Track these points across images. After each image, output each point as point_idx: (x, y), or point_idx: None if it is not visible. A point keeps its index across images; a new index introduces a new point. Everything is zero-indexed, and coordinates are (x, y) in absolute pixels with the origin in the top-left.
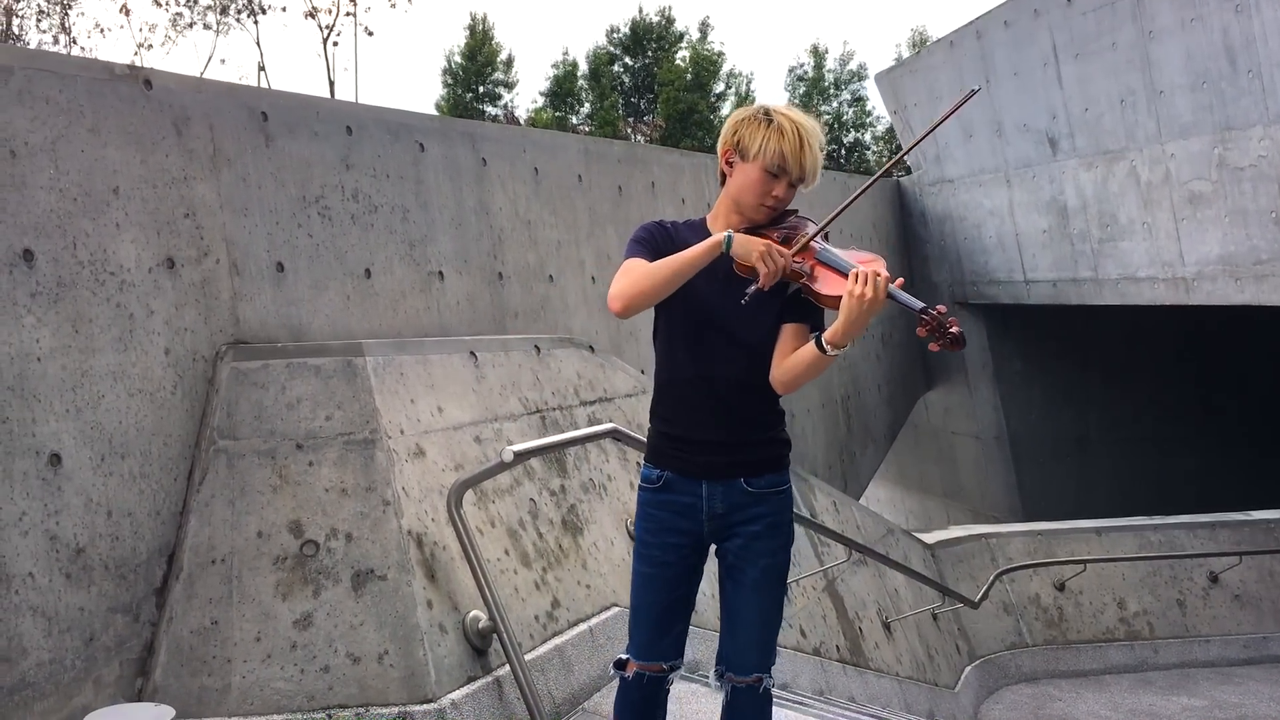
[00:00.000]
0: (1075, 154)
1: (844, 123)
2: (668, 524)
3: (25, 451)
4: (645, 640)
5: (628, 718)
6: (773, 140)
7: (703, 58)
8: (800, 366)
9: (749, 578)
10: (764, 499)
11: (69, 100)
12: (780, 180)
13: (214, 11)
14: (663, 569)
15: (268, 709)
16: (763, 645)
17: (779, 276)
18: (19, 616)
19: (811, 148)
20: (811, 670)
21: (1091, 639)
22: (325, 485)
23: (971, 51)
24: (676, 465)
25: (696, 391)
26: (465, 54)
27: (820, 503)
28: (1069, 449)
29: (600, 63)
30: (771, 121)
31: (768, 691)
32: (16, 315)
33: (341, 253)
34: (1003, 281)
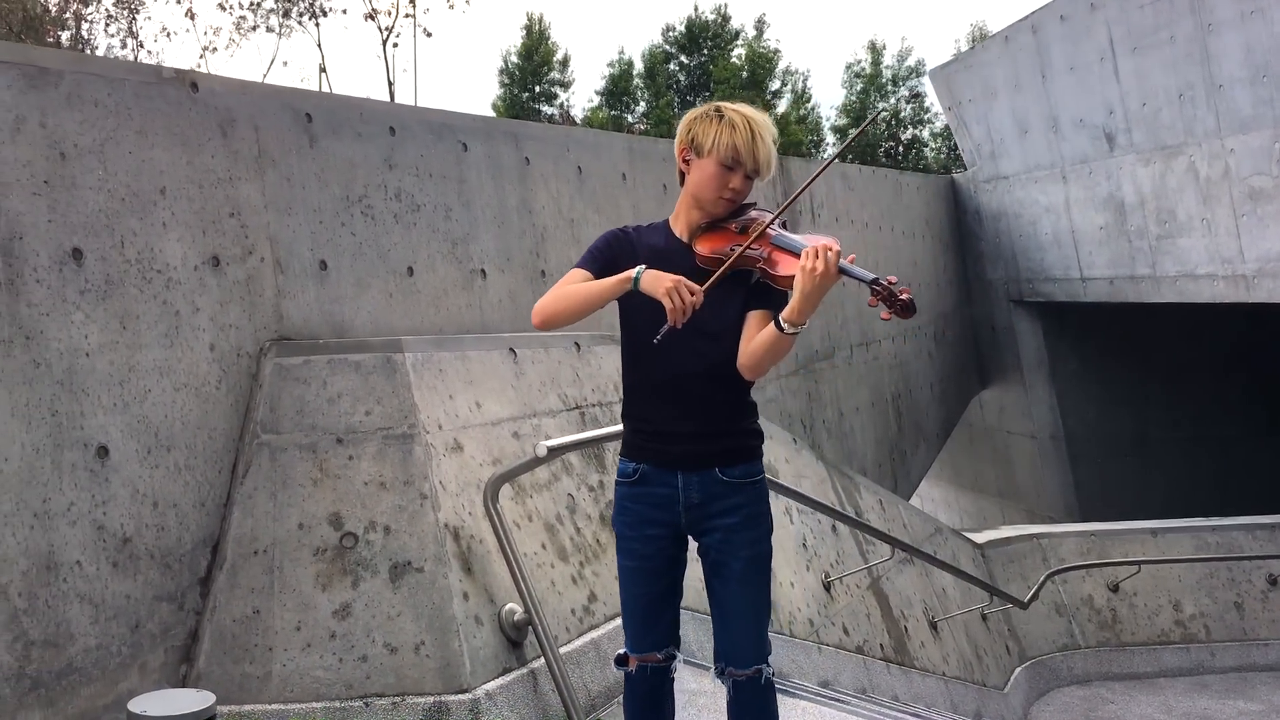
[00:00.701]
0: (1133, 149)
1: (901, 119)
2: (646, 516)
3: (74, 444)
4: (637, 632)
5: (637, 711)
6: (725, 134)
7: (758, 55)
8: (762, 349)
9: (734, 571)
10: (739, 489)
11: (117, 103)
12: (735, 173)
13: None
14: (644, 561)
15: (307, 696)
16: (756, 637)
17: (688, 314)
18: (67, 604)
19: (764, 140)
20: (854, 668)
21: (1146, 641)
22: (364, 479)
23: (1027, 46)
24: (652, 458)
25: (666, 391)
26: (521, 54)
27: (866, 501)
28: (1127, 449)
29: (656, 61)
30: (723, 117)
31: (769, 681)
32: (66, 312)
33: (384, 251)
34: (1059, 279)
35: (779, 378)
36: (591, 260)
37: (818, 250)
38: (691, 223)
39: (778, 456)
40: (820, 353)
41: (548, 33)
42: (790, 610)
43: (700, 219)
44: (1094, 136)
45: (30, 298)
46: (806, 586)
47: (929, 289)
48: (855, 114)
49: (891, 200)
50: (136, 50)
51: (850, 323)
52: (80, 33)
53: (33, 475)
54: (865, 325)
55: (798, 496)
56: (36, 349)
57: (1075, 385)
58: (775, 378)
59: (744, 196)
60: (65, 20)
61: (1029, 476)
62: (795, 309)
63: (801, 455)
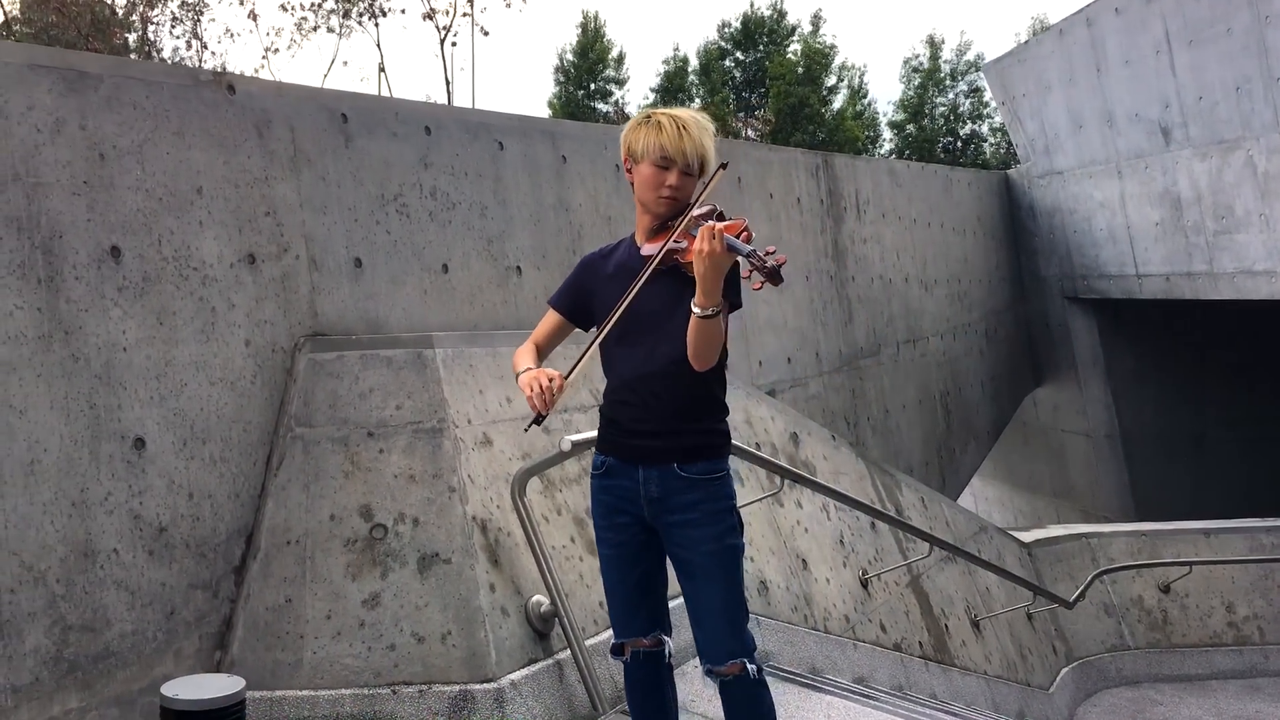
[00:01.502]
0: (1189, 144)
1: (960, 115)
2: (613, 507)
3: (111, 436)
4: (619, 618)
5: (637, 697)
6: (651, 136)
7: (814, 51)
8: (692, 338)
9: (697, 567)
10: (697, 485)
11: (155, 105)
12: (670, 171)
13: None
14: (618, 549)
15: (337, 683)
16: (730, 631)
17: (551, 398)
18: (103, 590)
19: (690, 135)
20: (890, 665)
21: (1197, 643)
22: (394, 471)
23: (1081, 40)
24: (616, 452)
25: (629, 388)
26: (577, 51)
27: (907, 499)
28: (1185, 448)
29: (711, 58)
30: (649, 119)
31: (754, 677)
32: (104, 308)
33: (419, 249)
34: (1114, 276)
35: (821, 374)
36: (561, 296)
37: (708, 231)
38: (644, 228)
39: (815, 453)
40: (865, 350)
41: (603, 30)
42: (826, 606)
43: (650, 223)
44: (1149, 131)
45: (69, 294)
46: (843, 583)
47: (980, 286)
48: (913, 109)
49: (940, 196)
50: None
51: (897, 320)
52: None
53: (71, 466)
54: (912, 323)
55: (830, 492)
56: (75, 344)
57: (1131, 383)
58: (818, 374)
59: (685, 193)
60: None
61: (1084, 476)
62: (698, 291)
63: (840, 452)
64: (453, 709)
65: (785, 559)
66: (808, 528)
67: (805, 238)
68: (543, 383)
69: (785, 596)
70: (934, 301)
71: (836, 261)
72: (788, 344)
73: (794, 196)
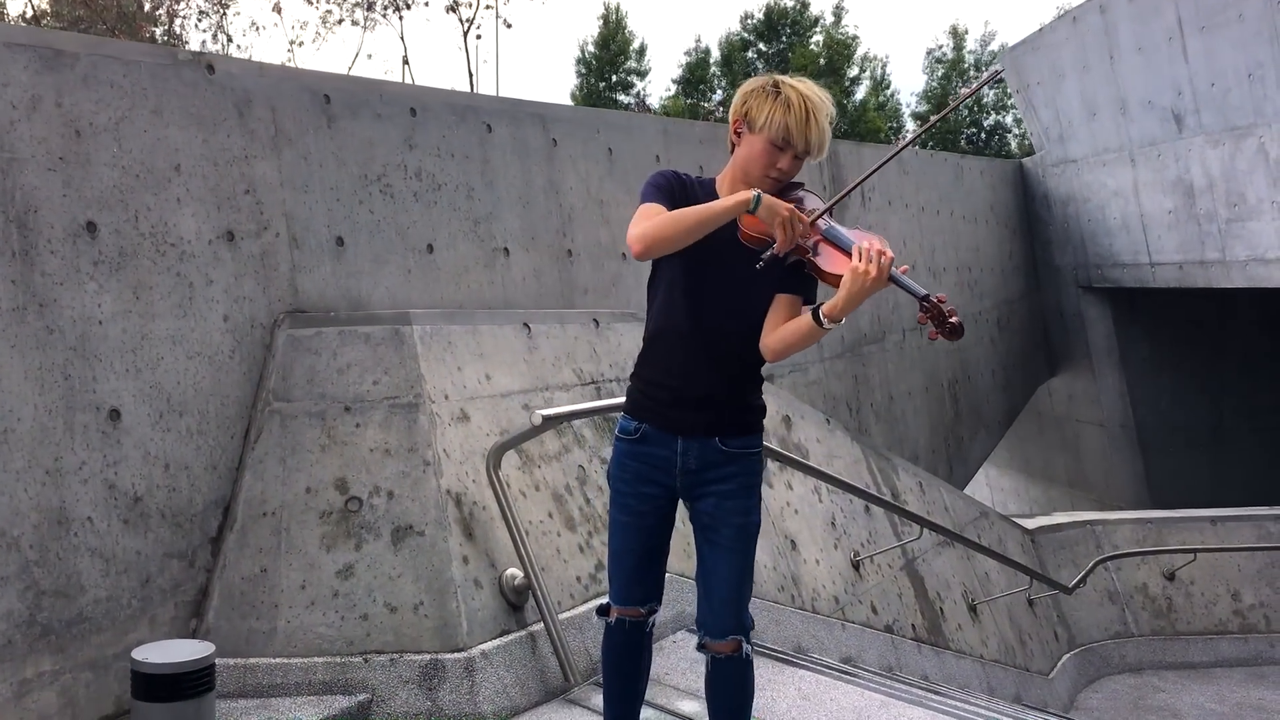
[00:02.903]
0: (1201, 131)
1: (984, 105)
2: (643, 475)
3: (86, 406)
4: (623, 585)
5: (614, 660)
6: (779, 113)
7: (836, 42)
8: (794, 336)
9: (724, 538)
10: (736, 459)
11: (133, 84)
12: (785, 153)
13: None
14: (638, 518)
15: (309, 651)
16: (738, 606)
17: (793, 245)
18: (77, 557)
19: (818, 121)
20: (880, 646)
21: (1202, 631)
22: (370, 445)
23: (1094, 26)
24: (655, 419)
25: (689, 345)
26: (598, 43)
27: (903, 483)
28: (1202, 439)
29: (733, 49)
30: (779, 94)
31: (748, 657)
32: (79, 282)
33: (403, 229)
34: (1127, 264)
35: (822, 360)
36: (661, 194)
37: (871, 254)
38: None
39: (808, 436)
40: (869, 336)
41: (624, 22)
42: (814, 587)
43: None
44: (1162, 118)
45: (44, 268)
46: (833, 564)
47: (992, 275)
48: (936, 100)
49: (951, 184)
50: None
51: (903, 307)
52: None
53: (45, 435)
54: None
55: (813, 471)
56: (50, 316)
57: (1146, 373)
58: (819, 359)
59: (792, 176)
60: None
61: (1099, 466)
62: (839, 306)
63: (835, 436)
64: (423, 677)
65: (773, 539)
66: (798, 509)
67: None
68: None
69: (772, 576)
70: (943, 289)
71: None
72: None
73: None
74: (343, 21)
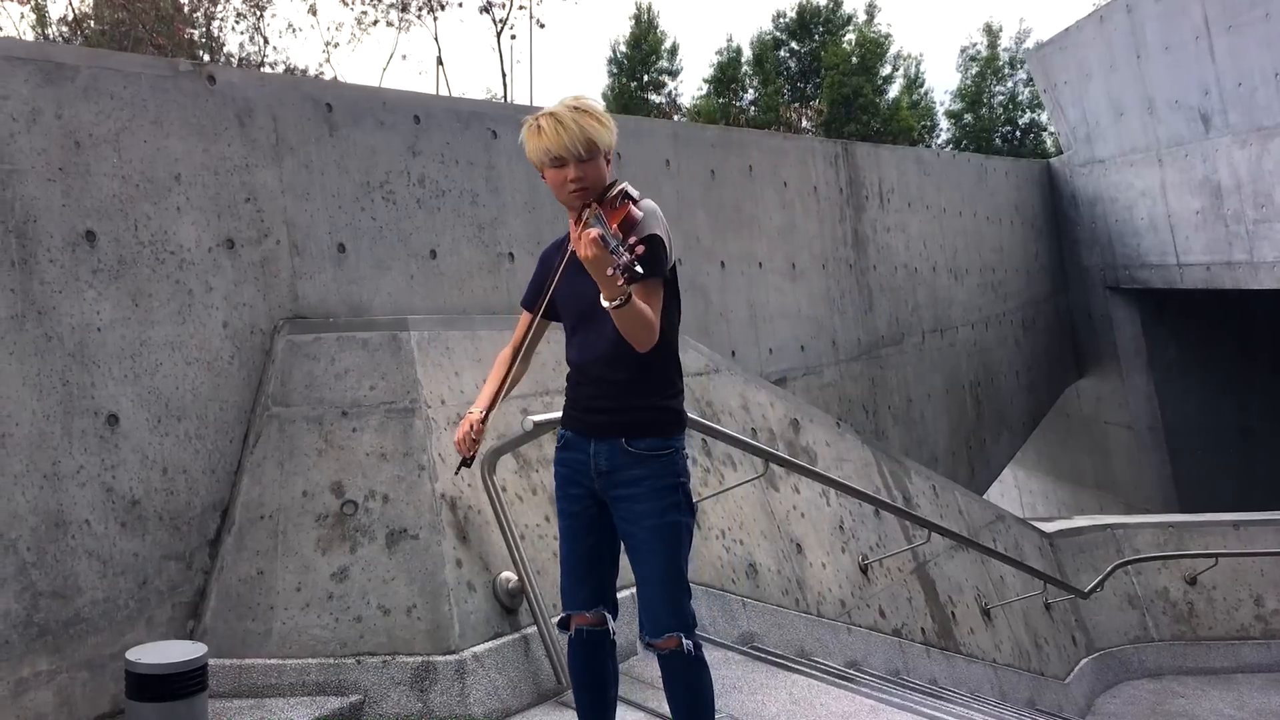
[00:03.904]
0: (1228, 130)
1: (1019, 103)
2: (568, 479)
3: (83, 412)
4: (566, 588)
5: (578, 672)
6: (532, 141)
7: (868, 40)
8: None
9: (639, 540)
10: (644, 460)
11: (133, 95)
12: (565, 167)
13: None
14: (572, 520)
15: (304, 653)
16: (667, 604)
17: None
18: (74, 559)
19: (566, 127)
20: (887, 650)
21: (1224, 636)
22: (366, 450)
23: (1121, 26)
24: (573, 425)
25: (582, 371)
26: (630, 43)
27: (916, 486)
28: (1231, 441)
29: (765, 48)
30: (528, 125)
31: (691, 654)
32: (78, 290)
33: (406, 235)
34: (1155, 265)
35: (838, 362)
36: (529, 296)
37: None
38: (570, 223)
39: (817, 439)
40: (886, 338)
41: (656, 21)
42: (819, 591)
43: (572, 217)
44: (1189, 118)
45: (43, 276)
46: (840, 568)
47: (1017, 276)
48: (970, 98)
49: (974, 185)
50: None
51: (923, 309)
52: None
53: (42, 440)
54: (940, 312)
55: (812, 474)
56: (48, 323)
57: (1174, 375)
58: (834, 362)
59: (591, 180)
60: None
61: (1126, 468)
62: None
63: (844, 439)
64: (415, 679)
65: (778, 543)
66: (804, 513)
67: (822, 226)
68: (464, 429)
69: (776, 580)
70: (964, 291)
71: (857, 250)
72: (801, 332)
73: (810, 185)
74: (377, 23)
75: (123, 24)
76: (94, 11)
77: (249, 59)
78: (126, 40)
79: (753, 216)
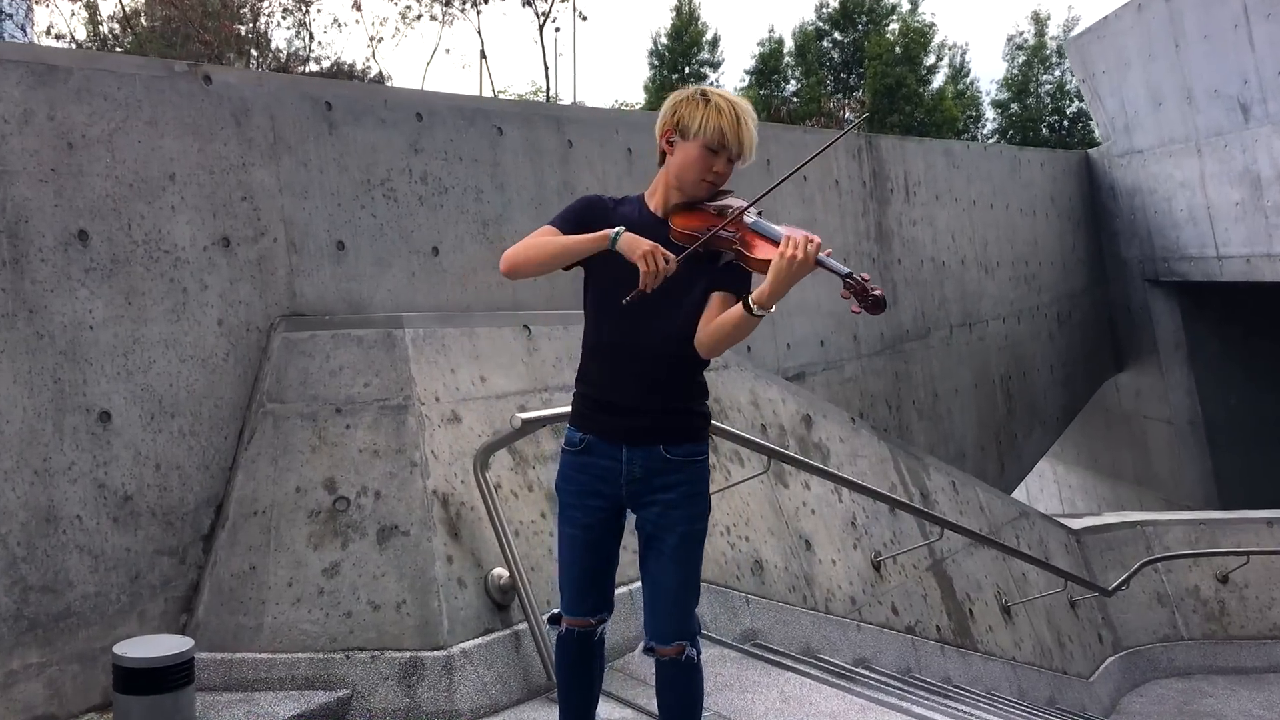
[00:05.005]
0: (1268, 120)
1: (1067, 93)
2: (588, 487)
3: (75, 409)
4: (572, 597)
5: (566, 669)
6: (712, 118)
7: (912, 30)
8: (726, 328)
9: (668, 546)
10: (681, 467)
11: (127, 96)
12: (720, 156)
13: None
14: (585, 531)
15: (294, 647)
16: (682, 613)
17: (660, 280)
18: (65, 554)
19: (748, 125)
20: (898, 648)
21: (1256, 635)
22: (359, 446)
23: (1159, 15)
24: (598, 429)
25: (620, 358)
26: (671, 35)
27: (935, 482)
28: (1273, 436)
29: (807, 39)
30: (709, 101)
31: (691, 660)
32: (71, 289)
33: (407, 232)
34: (1194, 258)
35: (859, 357)
36: (565, 220)
37: (798, 240)
38: (669, 201)
39: (830, 435)
40: (912, 333)
41: (697, 13)
42: (829, 588)
43: (679, 199)
44: (1228, 107)
45: (34, 275)
46: (851, 564)
47: (1052, 268)
48: (1017, 88)
49: (1006, 177)
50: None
51: (950, 303)
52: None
53: (34, 437)
54: (969, 305)
55: (813, 469)
56: (40, 322)
57: (1215, 369)
58: (855, 357)
59: (725, 180)
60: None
61: (1166, 464)
62: (766, 292)
63: (859, 435)
64: (402, 674)
65: (786, 539)
66: (814, 509)
67: (844, 220)
68: (660, 260)
69: (783, 577)
70: (995, 284)
71: (880, 244)
72: (821, 327)
73: (832, 179)
74: (421, 17)
75: (172, 20)
76: (145, 8)
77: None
78: (175, 37)
79: (771, 211)
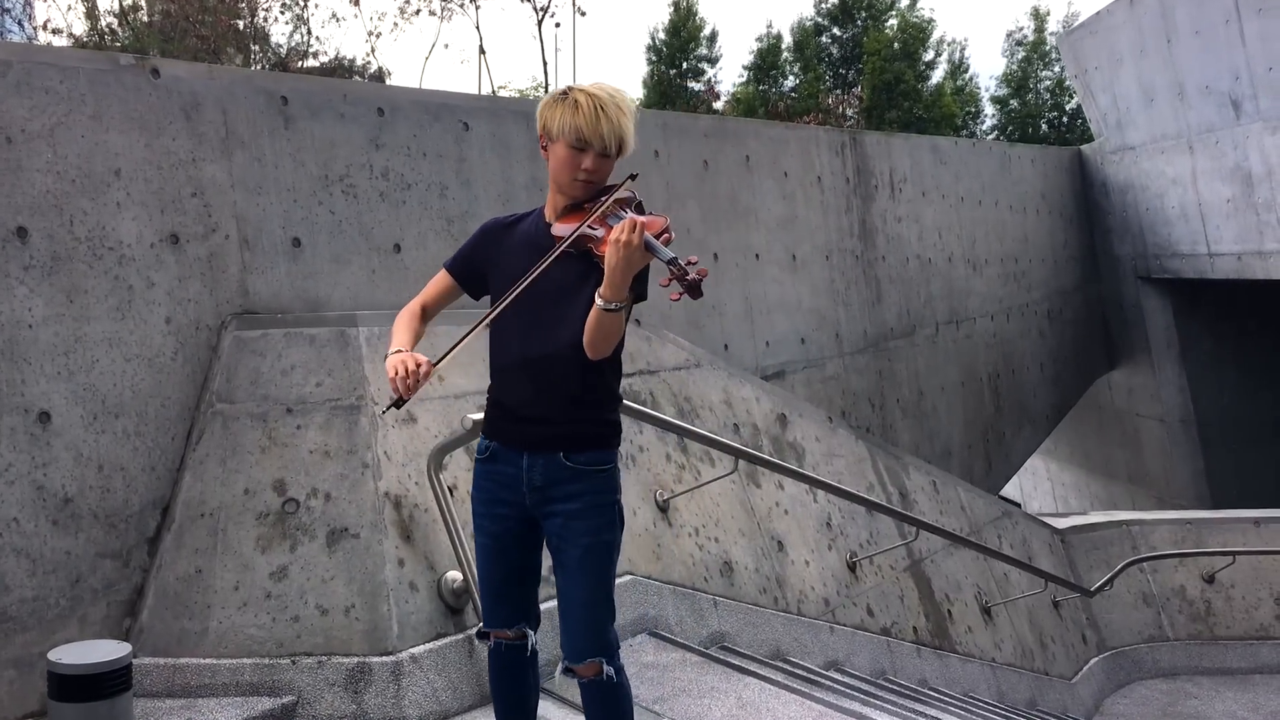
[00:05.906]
0: (1259, 116)
1: (1066, 89)
2: (494, 495)
3: (13, 409)
4: (488, 607)
5: (496, 683)
6: (568, 116)
7: (911, 25)
8: (591, 328)
9: (571, 558)
10: (583, 476)
11: (69, 90)
12: (586, 153)
13: None
14: (494, 539)
15: (239, 652)
16: (593, 628)
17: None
18: (1, 557)
19: (608, 116)
20: (873, 650)
21: (1242, 636)
22: (310, 447)
23: (1152, 10)
24: (502, 436)
25: (519, 371)
26: (669, 30)
27: (915, 481)
28: (1267, 434)
29: (805, 35)
30: (568, 98)
31: (612, 680)
32: (8, 287)
33: (367, 229)
34: (1186, 255)
35: (841, 355)
36: (455, 261)
37: (628, 224)
38: (556, 206)
39: (806, 435)
40: (896, 330)
41: (695, 8)
42: (801, 589)
43: (563, 202)
44: (1220, 104)
45: None
46: (825, 566)
47: (1043, 265)
48: (1016, 84)
49: (996, 173)
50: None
51: (936, 300)
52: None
53: None
54: (956, 303)
55: (778, 467)
56: None
57: (1208, 367)
58: (837, 355)
59: (602, 176)
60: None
61: (1159, 462)
62: (605, 282)
63: (836, 434)
64: (349, 680)
65: (757, 540)
66: (788, 509)
67: (826, 217)
68: (409, 366)
69: (753, 578)
70: (984, 281)
71: (864, 241)
72: (802, 325)
73: (813, 175)
74: (420, 12)
75: (170, 15)
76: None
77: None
78: (174, 32)
79: (750, 208)
